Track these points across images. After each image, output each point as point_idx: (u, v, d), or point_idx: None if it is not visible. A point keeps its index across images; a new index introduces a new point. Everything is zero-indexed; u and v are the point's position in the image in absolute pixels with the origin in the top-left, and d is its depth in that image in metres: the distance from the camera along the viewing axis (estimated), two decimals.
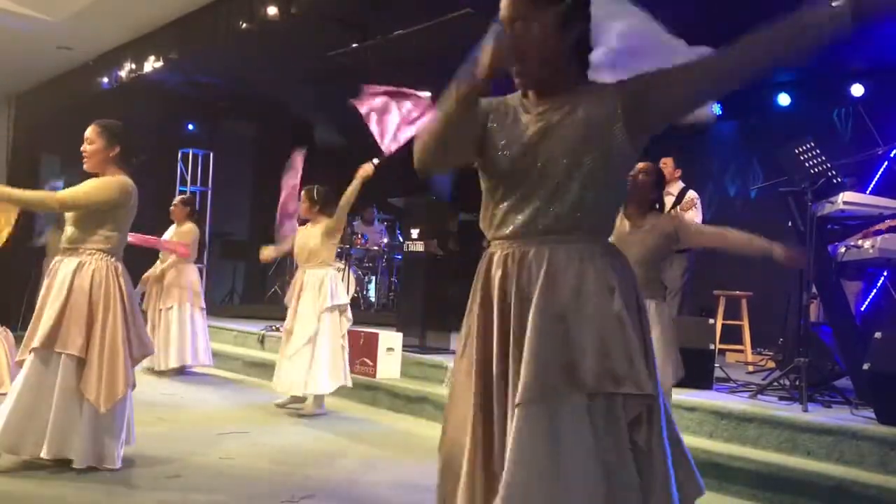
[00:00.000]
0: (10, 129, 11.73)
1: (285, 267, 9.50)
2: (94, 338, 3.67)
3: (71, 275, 3.71)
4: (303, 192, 5.74)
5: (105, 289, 3.72)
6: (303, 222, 5.86)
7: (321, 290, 5.48)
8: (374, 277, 10.29)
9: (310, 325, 5.41)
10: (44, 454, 3.55)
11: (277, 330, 7.28)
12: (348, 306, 5.71)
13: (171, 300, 7.12)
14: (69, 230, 3.81)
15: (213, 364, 7.38)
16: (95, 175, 3.88)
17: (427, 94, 5.15)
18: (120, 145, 3.87)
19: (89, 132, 3.88)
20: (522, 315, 1.77)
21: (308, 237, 5.63)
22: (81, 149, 3.88)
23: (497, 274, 1.84)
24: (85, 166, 3.89)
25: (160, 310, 7.12)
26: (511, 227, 1.85)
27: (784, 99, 8.06)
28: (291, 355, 5.41)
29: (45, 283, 3.81)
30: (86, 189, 3.75)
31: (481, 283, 1.88)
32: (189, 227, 7.32)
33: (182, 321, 7.12)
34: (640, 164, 3.73)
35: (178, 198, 7.65)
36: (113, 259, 3.81)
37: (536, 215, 1.81)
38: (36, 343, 3.62)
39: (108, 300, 3.72)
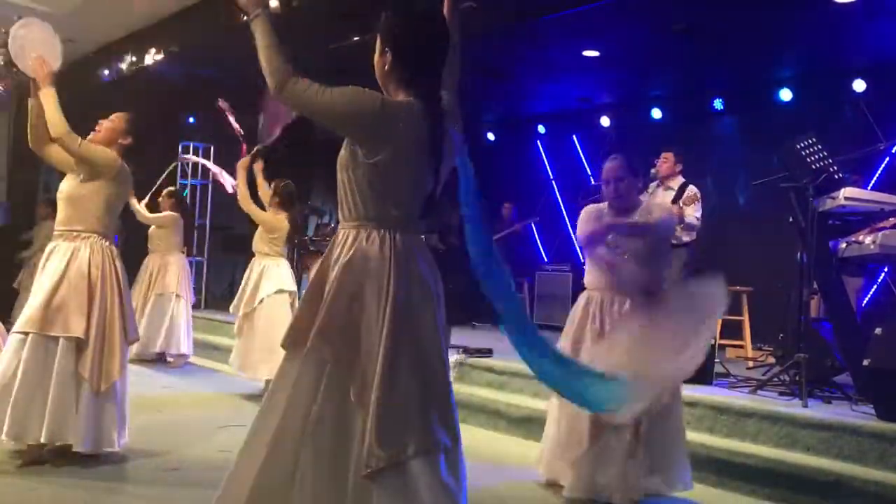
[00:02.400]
0: (11, 121, 11.70)
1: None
2: (93, 319, 3.67)
3: (67, 258, 3.72)
4: (272, 184, 6.02)
5: (102, 271, 3.75)
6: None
7: (264, 279, 5.85)
8: None
9: (256, 310, 5.78)
10: (42, 438, 3.53)
11: None
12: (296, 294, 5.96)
13: (161, 288, 7.18)
14: (63, 214, 3.83)
15: (192, 354, 7.43)
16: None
17: None
18: (132, 138, 4.01)
19: (117, 115, 4.03)
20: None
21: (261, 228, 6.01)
22: (101, 120, 3.99)
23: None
24: (91, 135, 3.95)
25: (155, 295, 7.17)
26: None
27: (786, 94, 8.04)
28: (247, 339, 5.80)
29: (41, 268, 3.79)
30: (91, 146, 3.82)
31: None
32: (167, 213, 7.40)
33: (172, 309, 7.17)
34: None
35: (165, 190, 7.72)
36: (107, 242, 3.85)
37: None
38: (34, 328, 3.59)
39: (105, 282, 3.75)
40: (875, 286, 6.23)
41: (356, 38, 7.29)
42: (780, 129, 6.70)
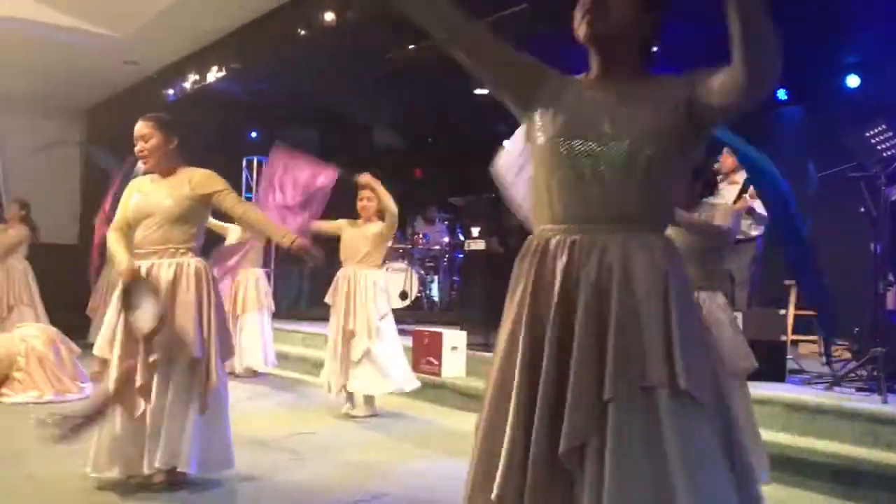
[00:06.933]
0: (83, 143, 12.13)
1: None
2: (203, 339, 3.57)
3: (173, 280, 3.58)
4: (369, 191, 5.77)
5: (207, 290, 3.64)
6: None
7: (378, 292, 5.50)
8: (436, 277, 10.32)
9: (372, 326, 5.43)
10: (158, 464, 3.45)
11: None
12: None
13: (249, 305, 7.31)
14: (160, 233, 3.63)
15: (277, 365, 7.55)
16: (150, 172, 3.79)
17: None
18: (177, 137, 3.76)
19: (142, 128, 3.70)
20: (594, 307, 1.73)
21: (360, 237, 5.61)
22: (138, 149, 3.69)
23: (561, 261, 1.78)
24: (146, 165, 3.74)
25: (237, 315, 7.29)
26: (575, 214, 1.81)
27: (853, 80, 7.80)
28: (357, 358, 5.39)
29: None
30: (229, 190, 3.79)
31: (534, 270, 1.82)
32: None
33: (260, 326, 7.31)
34: None
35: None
36: (202, 259, 3.72)
37: (608, 202, 1.78)
38: (162, 355, 3.49)
39: (209, 300, 3.63)
40: None
41: (412, 47, 7.35)
42: (848, 116, 6.50)
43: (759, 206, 6.01)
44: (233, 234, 7.56)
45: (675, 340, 1.68)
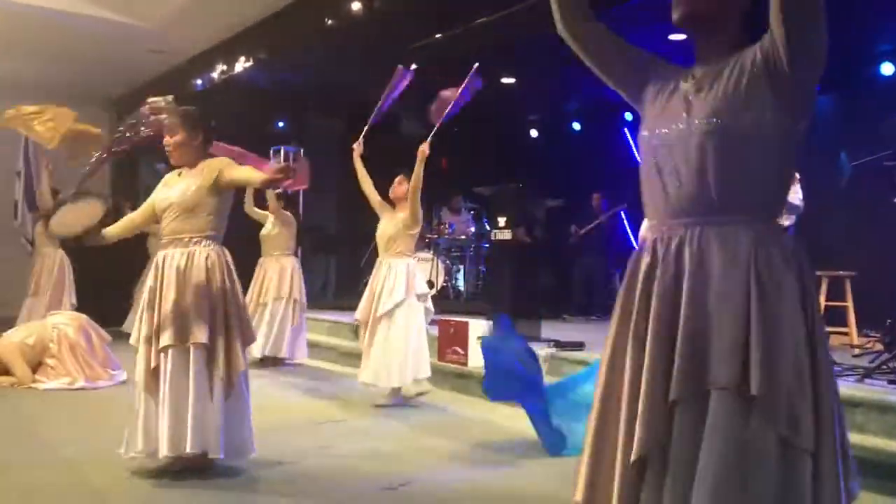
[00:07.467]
0: (112, 133, 12.25)
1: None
2: (216, 325, 3.61)
3: (184, 267, 3.63)
4: (401, 176, 5.78)
5: (221, 276, 3.67)
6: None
7: (402, 280, 5.50)
8: (462, 266, 10.32)
9: (394, 313, 5.46)
10: (189, 449, 3.49)
11: None
12: (428, 296, 5.76)
13: (270, 294, 7.33)
14: (176, 223, 3.71)
15: (307, 356, 7.57)
16: (173, 168, 3.87)
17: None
18: (203, 132, 3.83)
19: (170, 127, 3.81)
20: (667, 308, 1.70)
21: (389, 225, 5.65)
22: (164, 142, 3.80)
23: (645, 260, 1.78)
24: (172, 160, 3.82)
25: (263, 302, 7.32)
26: (658, 209, 1.79)
27: (887, 68, 7.65)
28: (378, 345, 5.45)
29: (155, 278, 3.68)
30: (230, 165, 3.79)
31: (630, 270, 1.83)
32: (289, 216, 7.61)
33: (276, 315, 7.32)
34: None
35: (271, 190, 7.85)
36: (219, 246, 3.76)
37: (683, 195, 1.73)
38: (171, 341, 3.54)
39: (223, 287, 3.67)
40: None
41: (438, 36, 7.33)
42: (882, 105, 6.39)
43: (790, 196, 5.93)
44: (269, 221, 7.61)
45: (754, 342, 1.60)
